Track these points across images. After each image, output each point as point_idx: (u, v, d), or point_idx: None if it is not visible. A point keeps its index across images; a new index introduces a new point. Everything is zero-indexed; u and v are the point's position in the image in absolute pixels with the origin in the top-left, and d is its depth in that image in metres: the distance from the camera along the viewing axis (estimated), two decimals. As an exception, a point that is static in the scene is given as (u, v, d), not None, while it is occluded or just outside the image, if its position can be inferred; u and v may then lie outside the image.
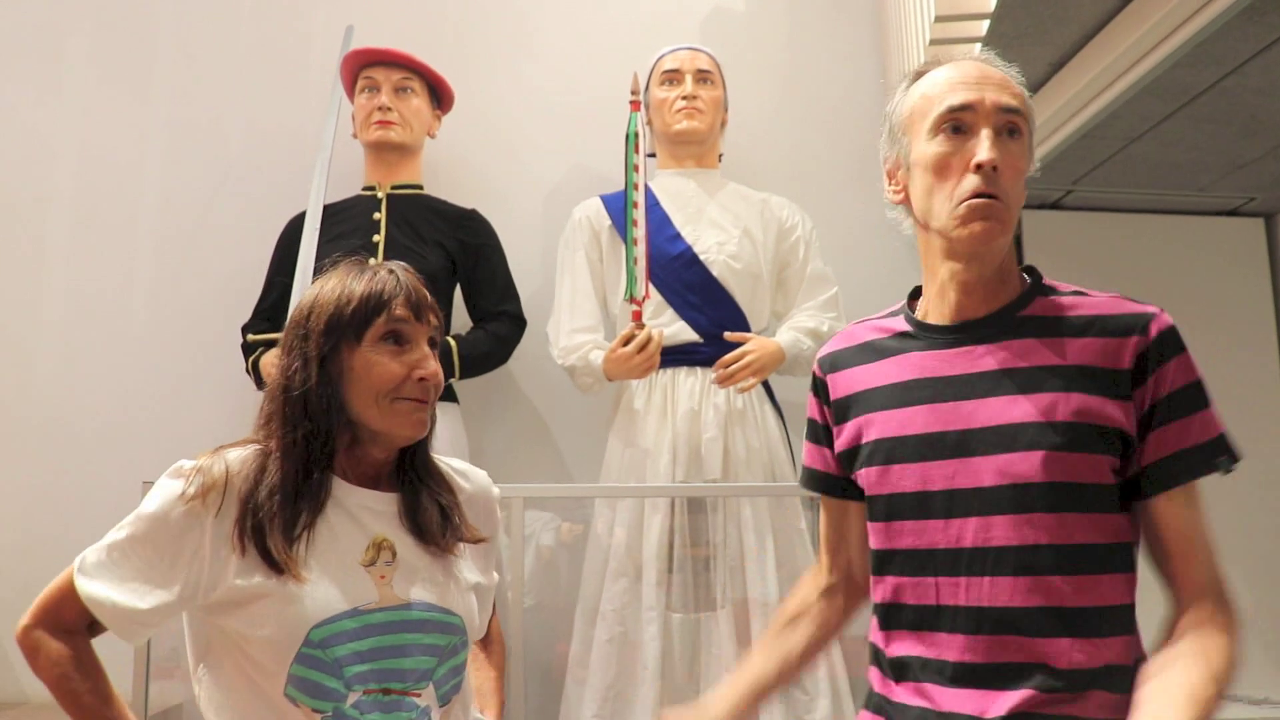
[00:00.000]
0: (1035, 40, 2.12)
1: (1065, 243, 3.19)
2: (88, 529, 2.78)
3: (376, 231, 2.71)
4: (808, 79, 3.25)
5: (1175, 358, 1.29)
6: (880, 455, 1.37)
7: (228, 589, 1.27)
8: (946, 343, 1.37)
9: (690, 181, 2.77)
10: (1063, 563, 1.24)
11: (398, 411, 1.34)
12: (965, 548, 1.28)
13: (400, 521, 1.38)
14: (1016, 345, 1.32)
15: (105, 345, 2.98)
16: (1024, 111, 1.32)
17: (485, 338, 2.71)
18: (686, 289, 2.64)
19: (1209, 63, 2.16)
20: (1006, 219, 1.29)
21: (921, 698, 1.29)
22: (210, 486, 1.29)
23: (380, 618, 1.30)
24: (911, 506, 1.33)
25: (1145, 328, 1.29)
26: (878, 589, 1.39)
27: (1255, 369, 3.20)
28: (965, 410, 1.32)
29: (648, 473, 2.54)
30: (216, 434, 2.85)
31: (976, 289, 1.35)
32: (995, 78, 1.33)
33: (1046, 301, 1.36)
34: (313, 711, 1.24)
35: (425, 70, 2.83)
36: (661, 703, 2.39)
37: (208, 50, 3.18)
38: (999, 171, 1.27)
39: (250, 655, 1.26)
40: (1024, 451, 1.27)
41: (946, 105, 1.31)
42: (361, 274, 1.38)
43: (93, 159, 3.09)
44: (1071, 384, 1.28)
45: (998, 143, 1.28)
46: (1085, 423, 1.26)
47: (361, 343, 1.34)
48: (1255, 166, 2.81)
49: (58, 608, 1.33)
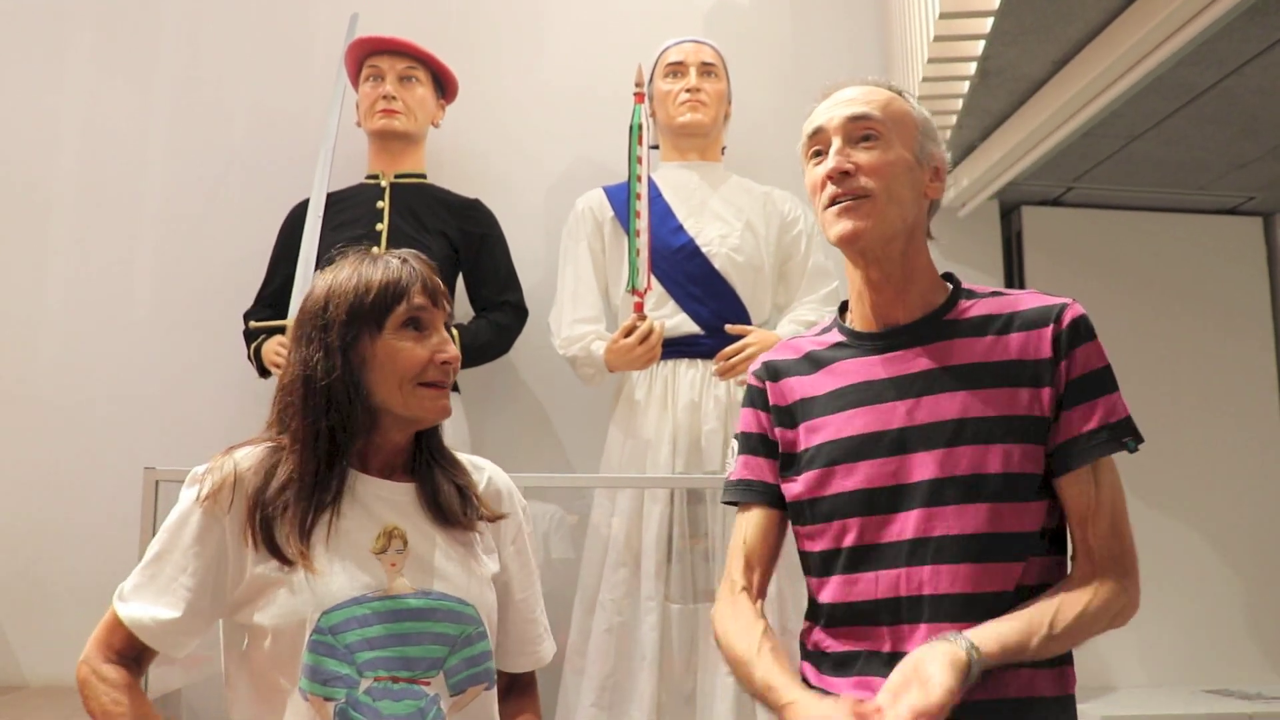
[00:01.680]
0: (1039, 37, 2.13)
1: (1065, 239, 3.20)
2: (89, 515, 2.84)
3: (380, 220, 2.72)
4: (811, 72, 3.25)
5: (1085, 344, 1.35)
6: (821, 458, 1.42)
7: (249, 581, 1.30)
8: (878, 348, 1.44)
9: (693, 174, 2.78)
10: (1000, 549, 1.31)
11: (422, 396, 1.37)
12: (907, 539, 1.34)
13: (418, 509, 1.40)
14: (944, 346, 1.40)
15: (108, 331, 2.98)
16: (878, 115, 1.41)
17: (487, 327, 2.72)
18: (688, 281, 2.64)
19: (1211, 62, 2.17)
20: (873, 211, 1.38)
21: (863, 689, 1.33)
22: (221, 485, 1.32)
23: (389, 605, 1.31)
24: (856, 505, 1.38)
25: (1059, 317, 1.37)
26: (822, 590, 1.42)
27: (1252, 367, 3.21)
28: (901, 409, 1.38)
29: (648, 464, 2.55)
30: (218, 420, 2.88)
31: (886, 289, 1.44)
32: (849, 96, 1.44)
33: (969, 304, 1.44)
34: (325, 701, 1.25)
35: (430, 59, 2.83)
36: (659, 693, 2.41)
37: (212, 37, 3.18)
38: (856, 173, 1.38)
39: (267, 649, 1.28)
40: (962, 446, 1.34)
41: (804, 135, 1.46)
42: (375, 263, 1.40)
43: (97, 145, 3.09)
44: (1000, 379, 1.35)
45: (845, 150, 1.40)
46: (1017, 415, 1.33)
47: (384, 330, 1.36)
48: (1255, 166, 2.82)
49: (107, 639, 1.36)
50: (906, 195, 1.41)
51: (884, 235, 1.39)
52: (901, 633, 1.33)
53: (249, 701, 1.32)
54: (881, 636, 1.35)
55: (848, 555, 1.38)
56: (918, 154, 1.43)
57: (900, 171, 1.40)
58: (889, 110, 1.42)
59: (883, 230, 1.39)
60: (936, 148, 1.46)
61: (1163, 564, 2.96)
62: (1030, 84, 2.37)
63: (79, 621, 2.72)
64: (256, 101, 3.15)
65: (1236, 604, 3.05)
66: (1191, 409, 3.12)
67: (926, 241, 1.48)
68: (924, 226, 1.47)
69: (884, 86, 1.46)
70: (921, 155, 1.43)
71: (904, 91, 1.48)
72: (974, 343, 1.39)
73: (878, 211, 1.38)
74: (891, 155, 1.40)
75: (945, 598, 1.30)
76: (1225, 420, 3.15)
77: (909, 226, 1.42)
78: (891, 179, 1.39)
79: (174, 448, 2.73)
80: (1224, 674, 2.97)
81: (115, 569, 2.64)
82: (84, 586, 2.80)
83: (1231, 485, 3.13)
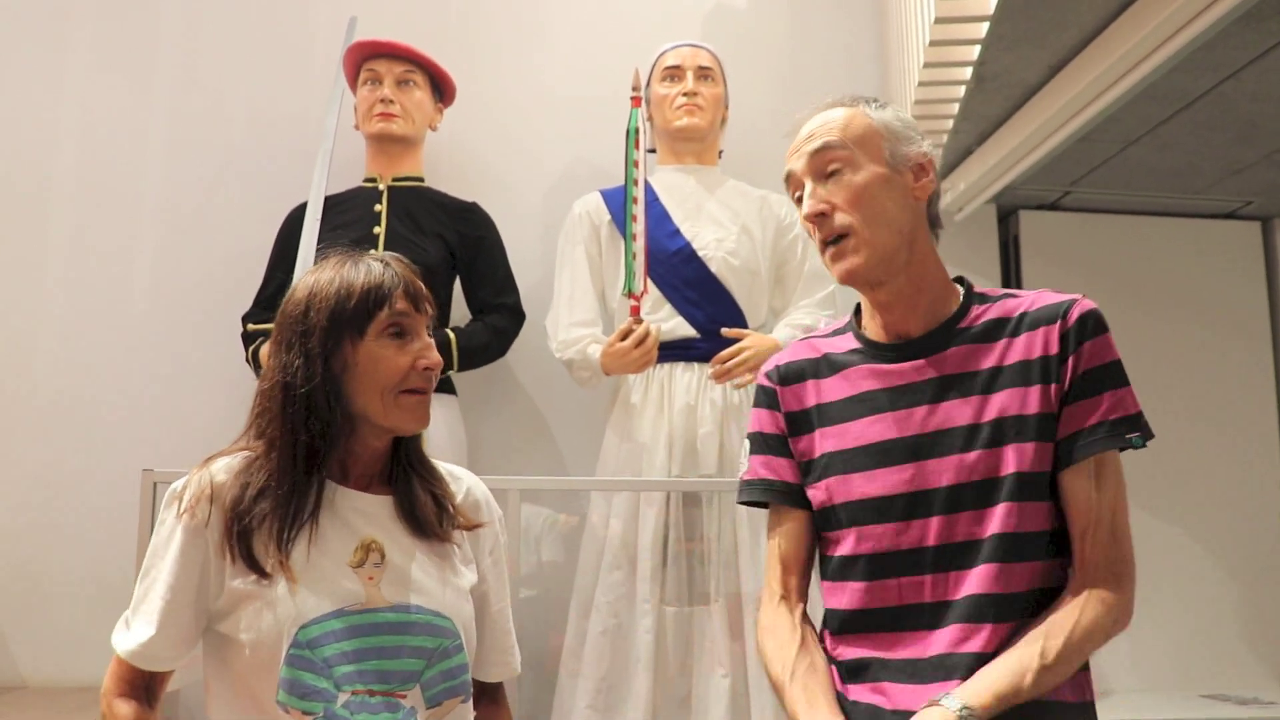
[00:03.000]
0: (1034, 43, 2.13)
1: (1061, 243, 3.20)
2: (87, 515, 2.84)
3: (377, 223, 2.72)
4: (808, 77, 3.26)
5: (1094, 338, 1.34)
6: (838, 466, 1.42)
7: (227, 594, 1.29)
8: (893, 357, 1.44)
9: (690, 178, 2.78)
10: (1019, 550, 1.30)
11: (403, 405, 1.35)
12: (929, 546, 1.33)
13: (394, 521, 1.38)
14: (959, 352, 1.39)
15: (106, 332, 2.99)
16: (836, 141, 1.41)
17: (484, 330, 2.72)
18: (685, 285, 2.65)
19: (1206, 68, 2.17)
20: (859, 245, 1.38)
21: (877, 694, 1.33)
22: (198, 498, 1.31)
23: (367, 619, 1.30)
24: (873, 512, 1.38)
25: (1066, 313, 1.36)
26: (836, 596, 1.42)
27: (1250, 372, 3.21)
28: (917, 416, 1.38)
29: (644, 467, 2.55)
30: (216, 421, 2.88)
31: (896, 307, 1.44)
32: (808, 132, 1.45)
33: (981, 309, 1.43)
34: (303, 715, 1.24)
35: (428, 63, 2.84)
36: (654, 695, 2.41)
37: (211, 39, 3.19)
38: (831, 212, 1.39)
39: (246, 661, 1.28)
40: (978, 450, 1.33)
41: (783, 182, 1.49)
42: (356, 266, 1.37)
43: (94, 146, 3.09)
44: (1015, 380, 1.34)
45: (816, 191, 1.41)
46: (1032, 414, 1.32)
47: (365, 337, 1.34)
48: (1251, 171, 2.82)
49: (116, 669, 1.35)
50: (891, 209, 1.39)
51: (880, 259, 1.39)
52: (918, 638, 1.32)
53: (229, 711, 1.31)
54: (898, 643, 1.34)
55: (865, 563, 1.38)
56: (890, 162, 1.41)
57: (876, 190, 1.39)
58: (849, 131, 1.41)
59: (878, 255, 1.38)
60: (911, 146, 1.44)
61: (1158, 568, 2.97)
62: (1026, 89, 2.37)
63: (76, 622, 2.77)
64: (255, 103, 3.16)
65: (1232, 609, 3.05)
66: (1188, 413, 3.11)
67: (932, 242, 1.46)
68: (925, 228, 1.45)
69: (840, 105, 1.45)
70: (895, 161, 1.42)
71: (863, 100, 1.46)
72: (987, 348, 1.38)
73: (862, 242, 1.38)
74: (861, 178, 1.39)
75: (966, 601, 1.30)
76: (1222, 425, 3.15)
77: (906, 237, 1.41)
78: (868, 203, 1.38)
79: (172, 449, 2.74)
80: (1219, 679, 2.97)
81: (113, 570, 2.70)
82: (82, 587, 2.81)
83: (1229, 490, 3.13)
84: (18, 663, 2.80)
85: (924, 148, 1.45)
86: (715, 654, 2.42)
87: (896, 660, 1.33)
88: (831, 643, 1.42)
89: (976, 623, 1.28)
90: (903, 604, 1.34)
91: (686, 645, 2.47)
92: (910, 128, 1.46)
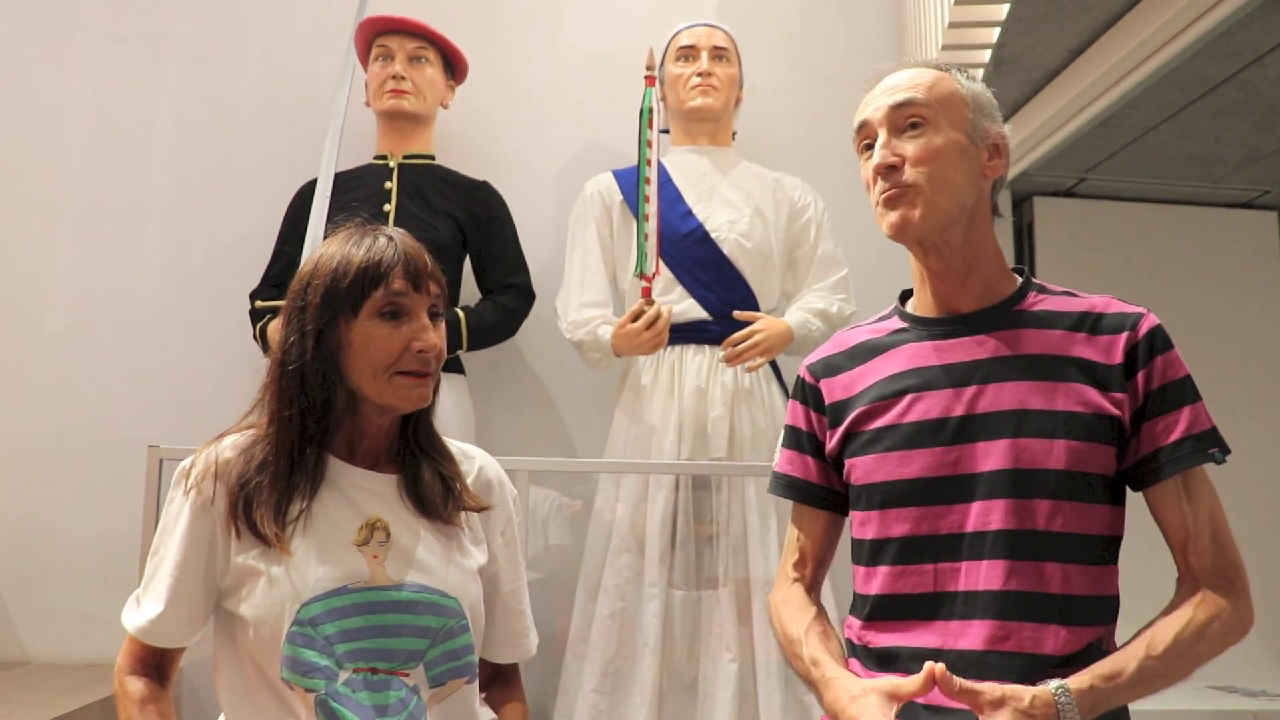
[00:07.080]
0: (1056, 25, 2.11)
1: (1076, 230, 3.18)
2: (93, 492, 2.84)
3: (387, 201, 2.71)
4: (823, 58, 3.23)
5: (1164, 354, 1.32)
6: (879, 443, 1.38)
7: (233, 570, 1.30)
8: (942, 333, 1.40)
9: (703, 159, 2.76)
10: (1057, 550, 1.27)
11: (396, 386, 1.33)
12: (966, 533, 1.30)
13: (400, 501, 1.37)
14: (1012, 335, 1.36)
15: (113, 309, 2.98)
16: (922, 99, 1.37)
17: (494, 310, 2.71)
18: (697, 266, 2.63)
19: (1228, 54, 2.15)
20: (919, 200, 1.34)
21: None
22: (204, 475, 1.32)
23: (369, 597, 1.29)
24: (911, 493, 1.34)
25: (1135, 325, 1.33)
26: (867, 581, 1.39)
27: (1266, 362, 3.19)
28: (966, 396, 1.34)
29: (653, 449, 2.54)
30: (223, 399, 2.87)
31: (948, 277, 1.40)
32: (892, 84, 1.40)
33: (1039, 298, 1.40)
34: (306, 692, 1.24)
35: (440, 40, 2.81)
36: (660, 679, 2.40)
37: (221, 14, 3.17)
38: (902, 165, 1.34)
39: (250, 639, 1.28)
40: (1030, 438, 1.29)
41: (854, 130, 1.43)
42: (360, 241, 1.35)
43: (104, 123, 3.07)
44: (1070, 374, 1.31)
45: (890, 142, 1.36)
46: (1088, 412, 1.29)
47: (359, 316, 1.32)
48: (1271, 159, 2.80)
49: (129, 647, 1.36)
50: (960, 179, 1.35)
51: (938, 224, 1.35)
52: (951, 629, 1.29)
53: (236, 688, 1.31)
54: (929, 631, 1.31)
55: (899, 546, 1.35)
56: (970, 133, 1.37)
57: (951, 156, 1.35)
58: (935, 92, 1.37)
59: (935, 219, 1.34)
60: (993, 124, 1.40)
61: (1169, 558, 2.95)
62: (1045, 73, 2.35)
63: (81, 599, 2.77)
64: (265, 79, 3.14)
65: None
66: (1202, 403, 3.09)
67: (991, 224, 1.42)
68: (986, 208, 1.41)
69: (931, 66, 1.41)
70: (975, 134, 1.37)
71: (954, 68, 1.42)
72: (1042, 334, 1.34)
73: (923, 198, 1.33)
74: (940, 140, 1.35)
75: (1000, 594, 1.26)
76: (1236, 414, 3.12)
77: (967, 211, 1.37)
78: (942, 165, 1.34)
79: (179, 426, 2.73)
80: (1228, 670, 2.95)
81: (118, 547, 2.70)
82: (87, 564, 2.81)
83: (1241, 479, 3.10)
84: (22, 640, 2.80)
85: (1004, 129, 1.42)
86: (723, 638, 2.41)
87: (927, 650, 1.29)
88: (860, 629, 1.39)
89: (1002, 619, 1.25)
90: (937, 591, 1.31)
91: (694, 629, 2.47)
92: (995, 106, 1.43)
